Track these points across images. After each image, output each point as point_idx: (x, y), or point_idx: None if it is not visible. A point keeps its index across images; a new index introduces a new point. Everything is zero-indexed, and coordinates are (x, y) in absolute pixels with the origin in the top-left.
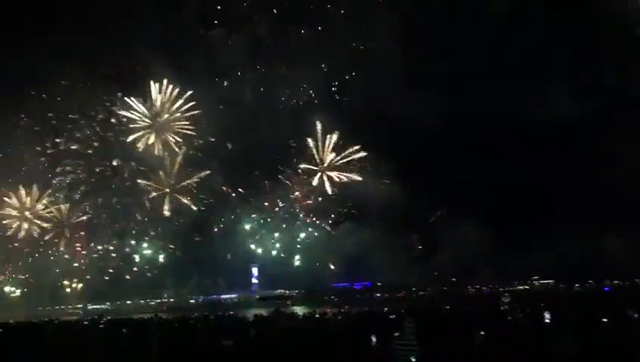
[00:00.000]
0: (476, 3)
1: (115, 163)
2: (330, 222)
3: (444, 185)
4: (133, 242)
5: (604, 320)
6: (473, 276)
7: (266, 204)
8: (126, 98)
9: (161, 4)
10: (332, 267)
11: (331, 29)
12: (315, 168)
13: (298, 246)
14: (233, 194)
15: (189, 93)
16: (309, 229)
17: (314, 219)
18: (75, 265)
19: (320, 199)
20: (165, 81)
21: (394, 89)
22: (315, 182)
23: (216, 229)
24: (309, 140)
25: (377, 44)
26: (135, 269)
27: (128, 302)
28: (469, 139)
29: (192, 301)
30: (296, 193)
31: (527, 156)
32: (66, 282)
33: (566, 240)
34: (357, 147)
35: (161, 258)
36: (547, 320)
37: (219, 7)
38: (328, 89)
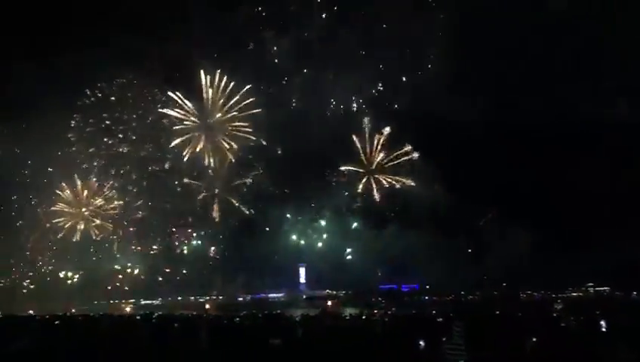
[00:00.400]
0: (527, 3)
1: (166, 166)
2: (377, 223)
3: (494, 187)
4: (184, 241)
5: None
6: (524, 281)
7: (313, 205)
8: (170, 93)
9: (212, 5)
10: (379, 268)
11: (380, 31)
12: (362, 171)
13: (345, 247)
14: (281, 195)
15: (248, 87)
16: (356, 231)
17: (360, 220)
18: (129, 264)
19: (366, 201)
20: (218, 73)
21: (442, 90)
22: (361, 186)
23: (264, 230)
24: (356, 139)
25: (427, 45)
26: (184, 271)
27: (179, 298)
28: (520, 141)
29: (240, 299)
30: (345, 193)
31: (581, 158)
32: (119, 278)
33: (623, 246)
34: (408, 147)
35: (210, 257)
36: (603, 328)
37: (268, 10)
38: (376, 91)
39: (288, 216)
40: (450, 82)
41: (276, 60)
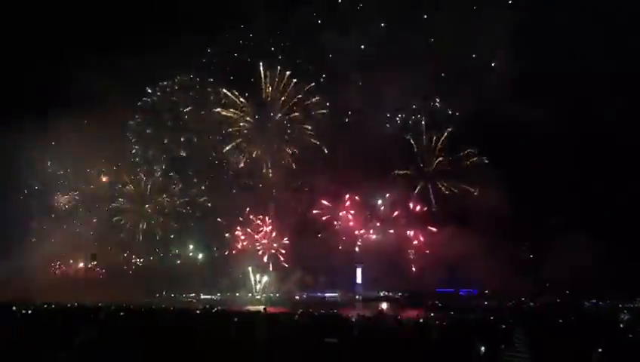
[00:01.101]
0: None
1: (224, 165)
2: (435, 226)
3: (559, 192)
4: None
5: None
6: (589, 289)
7: (368, 207)
8: (227, 92)
9: (272, 7)
10: (437, 272)
11: (443, 34)
12: (418, 175)
13: (402, 249)
14: (337, 196)
15: (312, 84)
16: (412, 233)
17: (416, 223)
18: (191, 254)
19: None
20: (279, 69)
21: (505, 92)
22: (417, 190)
23: (319, 230)
24: (413, 142)
25: (490, 47)
26: (240, 273)
27: (237, 294)
28: (586, 145)
29: (296, 297)
30: (401, 197)
31: None
32: (180, 272)
33: None
34: (471, 151)
35: (266, 257)
36: None
37: (327, 13)
38: (435, 93)
39: (344, 217)
40: (515, 84)
41: (334, 62)
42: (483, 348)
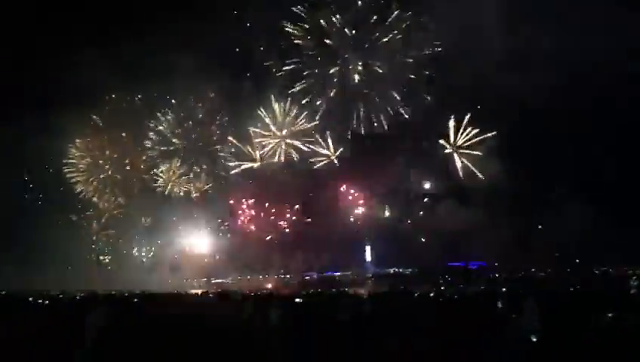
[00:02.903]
0: None
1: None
2: (441, 200)
3: (565, 162)
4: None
5: None
6: (598, 258)
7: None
8: None
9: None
10: (445, 246)
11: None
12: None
13: (410, 224)
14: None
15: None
16: (422, 206)
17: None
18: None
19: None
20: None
21: (503, 64)
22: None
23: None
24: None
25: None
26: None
27: (248, 277)
28: (588, 115)
29: (307, 277)
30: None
31: None
32: (188, 257)
33: None
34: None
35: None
36: None
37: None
38: (431, 67)
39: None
40: (512, 56)
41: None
42: (491, 317)
